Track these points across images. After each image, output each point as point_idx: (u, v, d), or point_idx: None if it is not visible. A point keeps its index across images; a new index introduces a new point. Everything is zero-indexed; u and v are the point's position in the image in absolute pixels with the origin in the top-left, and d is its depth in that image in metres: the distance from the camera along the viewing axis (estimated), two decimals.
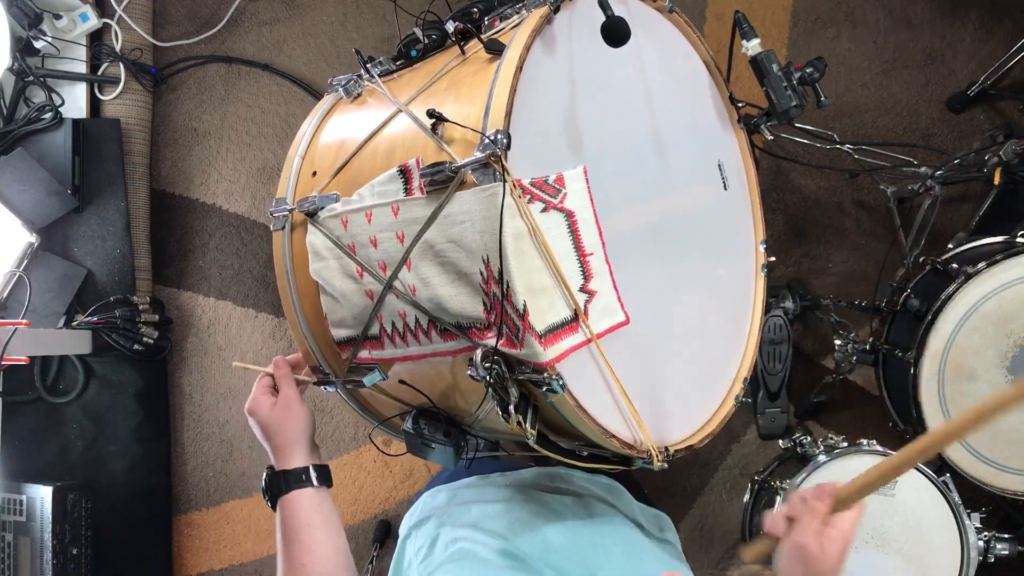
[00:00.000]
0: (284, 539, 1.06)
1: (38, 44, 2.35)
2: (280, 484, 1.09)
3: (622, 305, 1.10)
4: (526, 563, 1.01)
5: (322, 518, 1.07)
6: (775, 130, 1.72)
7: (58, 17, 2.38)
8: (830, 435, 1.81)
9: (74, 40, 2.44)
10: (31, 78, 2.39)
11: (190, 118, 2.68)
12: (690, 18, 1.48)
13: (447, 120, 1.02)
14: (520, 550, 1.03)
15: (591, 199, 1.07)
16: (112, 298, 2.41)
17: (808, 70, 1.61)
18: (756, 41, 1.59)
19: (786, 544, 0.97)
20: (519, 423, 0.99)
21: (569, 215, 1.03)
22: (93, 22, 2.42)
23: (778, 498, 1.69)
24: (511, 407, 0.99)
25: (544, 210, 0.99)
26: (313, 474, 1.10)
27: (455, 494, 1.26)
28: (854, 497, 0.98)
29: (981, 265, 1.66)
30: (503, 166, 0.93)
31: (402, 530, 1.25)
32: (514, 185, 0.93)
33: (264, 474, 1.13)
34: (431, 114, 1.02)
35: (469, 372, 0.99)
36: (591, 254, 1.06)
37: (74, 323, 2.34)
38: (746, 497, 2.00)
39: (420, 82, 1.17)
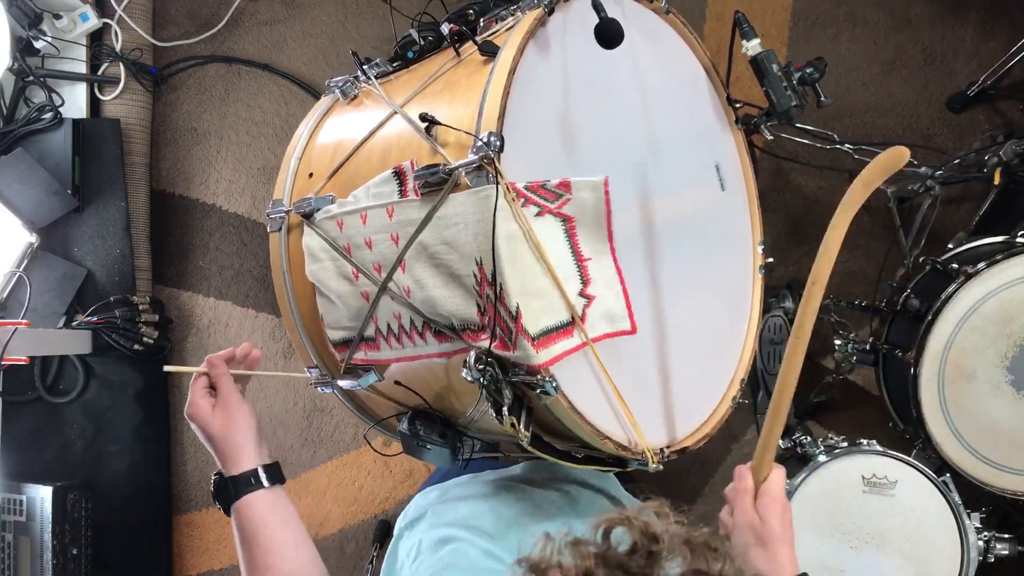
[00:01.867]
0: (244, 545, 1.02)
1: (38, 44, 2.35)
2: (230, 491, 1.05)
3: (631, 315, 1.08)
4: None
5: (279, 518, 1.04)
6: (775, 130, 1.72)
7: (58, 17, 2.38)
8: (830, 435, 1.80)
9: (74, 40, 2.44)
10: (31, 78, 2.39)
11: (190, 118, 2.68)
12: (689, 18, 1.47)
13: (440, 124, 1.02)
14: (507, 551, 1.03)
15: (608, 208, 1.05)
16: (112, 298, 2.41)
17: (808, 70, 1.61)
18: (756, 41, 1.59)
19: (734, 530, 1.05)
20: (513, 425, 0.99)
21: (567, 220, 1.02)
22: (93, 22, 2.42)
23: None
24: (505, 409, 0.99)
25: (538, 214, 0.99)
26: (263, 475, 1.05)
27: (446, 491, 1.26)
28: (763, 460, 1.08)
29: (981, 265, 1.65)
30: (496, 168, 0.93)
31: (395, 531, 1.25)
32: (507, 188, 0.93)
33: (212, 480, 1.08)
34: (424, 118, 1.03)
35: (463, 374, 0.99)
36: (589, 259, 1.05)
37: (74, 323, 2.34)
38: None
39: (416, 84, 1.17)
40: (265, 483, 1.05)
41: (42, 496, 2.21)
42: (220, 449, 1.08)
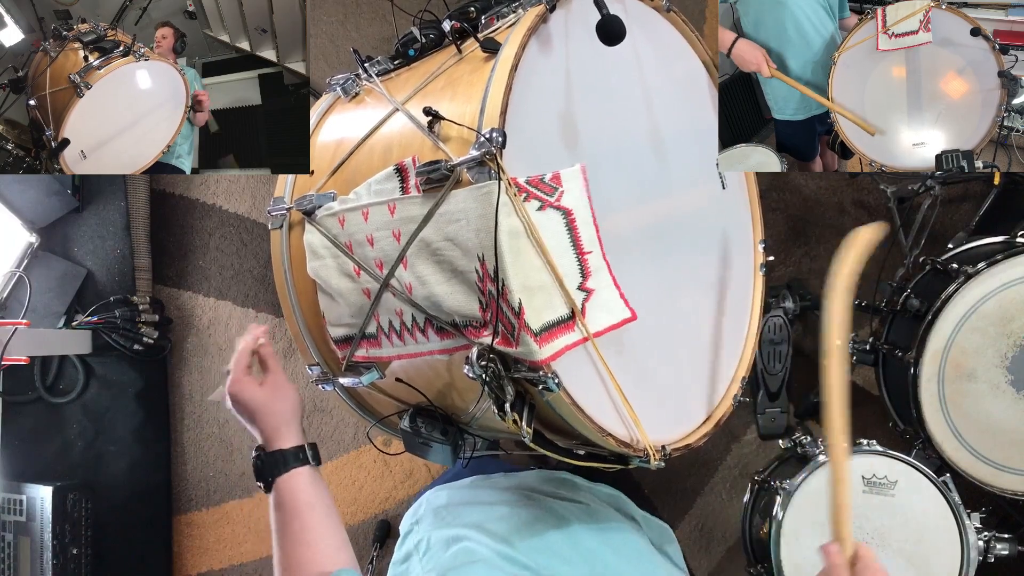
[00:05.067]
0: (283, 519, 1.03)
1: None
2: (278, 464, 1.06)
3: (626, 301, 1.09)
4: (531, 569, 1.01)
5: (319, 497, 1.06)
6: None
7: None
8: None
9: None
10: None
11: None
12: (689, 17, 1.47)
13: (443, 118, 1.02)
14: (524, 556, 1.03)
15: (588, 197, 1.06)
16: (112, 298, 2.41)
17: None
18: None
19: None
20: (515, 421, 0.99)
21: (567, 213, 1.03)
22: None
23: (777, 498, 1.68)
24: (507, 405, 0.99)
25: (540, 208, 0.99)
26: (309, 453, 1.09)
27: (458, 492, 1.26)
28: (842, 529, 1.05)
29: (981, 265, 1.65)
30: (498, 164, 0.93)
31: (403, 527, 1.25)
32: (509, 183, 0.93)
33: (254, 456, 1.10)
34: (427, 112, 1.03)
35: (465, 370, 0.99)
36: (589, 252, 1.05)
37: (74, 323, 2.34)
38: (746, 497, 1.99)
39: (417, 81, 1.18)
40: (311, 460, 1.08)
41: (42, 496, 2.21)
42: (267, 424, 1.10)
